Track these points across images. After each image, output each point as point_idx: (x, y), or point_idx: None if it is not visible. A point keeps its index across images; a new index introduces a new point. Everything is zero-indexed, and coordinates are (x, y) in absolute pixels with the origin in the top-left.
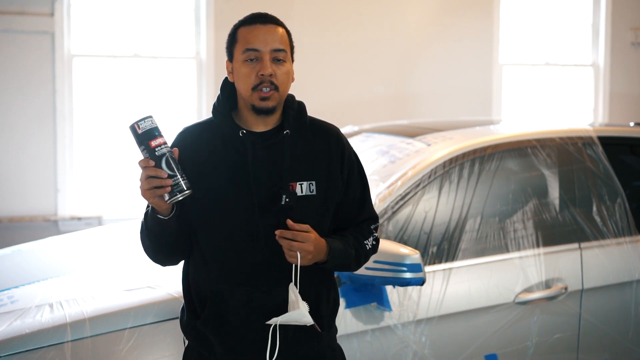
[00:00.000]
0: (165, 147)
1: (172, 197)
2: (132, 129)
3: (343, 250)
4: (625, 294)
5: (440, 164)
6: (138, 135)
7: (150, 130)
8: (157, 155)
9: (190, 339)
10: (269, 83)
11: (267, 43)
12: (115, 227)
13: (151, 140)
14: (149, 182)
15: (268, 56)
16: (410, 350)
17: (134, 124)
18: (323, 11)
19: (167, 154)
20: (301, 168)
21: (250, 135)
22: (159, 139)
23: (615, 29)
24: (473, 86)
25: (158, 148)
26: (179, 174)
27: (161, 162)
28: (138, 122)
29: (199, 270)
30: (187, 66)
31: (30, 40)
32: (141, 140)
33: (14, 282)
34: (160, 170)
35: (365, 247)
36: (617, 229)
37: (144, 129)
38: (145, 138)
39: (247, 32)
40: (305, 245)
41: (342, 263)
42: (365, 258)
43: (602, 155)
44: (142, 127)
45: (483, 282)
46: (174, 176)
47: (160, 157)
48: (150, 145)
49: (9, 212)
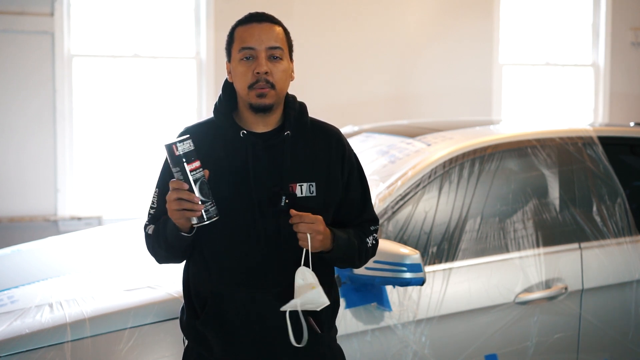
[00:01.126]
0: (200, 172)
1: (200, 221)
2: (169, 149)
3: (347, 239)
4: (625, 294)
5: (440, 164)
6: (175, 156)
7: (189, 153)
8: (192, 180)
9: (189, 339)
10: (265, 81)
11: (262, 41)
12: (115, 227)
13: (188, 163)
14: (180, 203)
15: (264, 54)
16: (410, 350)
17: (172, 145)
18: (323, 11)
19: (201, 178)
20: (301, 169)
21: (250, 136)
22: (195, 163)
23: (615, 29)
24: (473, 86)
25: (193, 172)
26: (210, 200)
27: (195, 186)
28: (177, 143)
29: (199, 271)
30: (187, 66)
31: (30, 40)
32: (177, 162)
33: (14, 282)
34: (194, 196)
35: (366, 243)
36: (617, 229)
37: (182, 151)
38: (182, 160)
39: (243, 31)
40: (314, 225)
41: (346, 253)
42: (365, 255)
43: (602, 155)
44: (181, 149)
45: (483, 282)
46: (206, 202)
47: (195, 181)
48: (186, 169)
49: (9, 212)
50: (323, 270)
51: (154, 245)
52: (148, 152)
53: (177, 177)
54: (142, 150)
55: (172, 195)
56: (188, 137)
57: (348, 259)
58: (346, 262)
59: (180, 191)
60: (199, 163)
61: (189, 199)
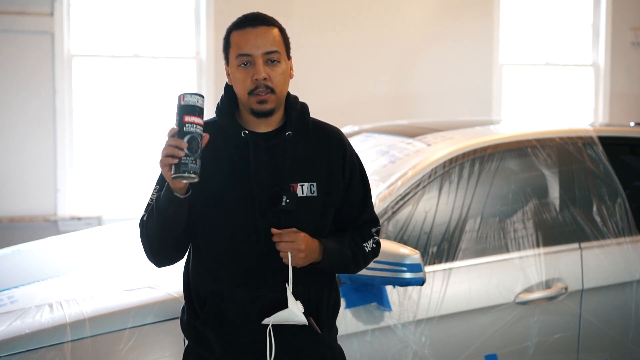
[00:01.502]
0: (197, 128)
1: (177, 172)
2: (178, 98)
3: (339, 249)
4: (625, 294)
5: (440, 164)
6: (179, 105)
7: (191, 107)
8: (184, 130)
9: (190, 339)
10: (265, 87)
11: (258, 47)
12: (115, 227)
13: (187, 115)
14: (167, 149)
15: (261, 60)
16: (410, 350)
17: (181, 94)
18: (323, 11)
19: (194, 134)
20: (302, 169)
21: (252, 136)
22: (194, 117)
23: (615, 29)
24: (473, 86)
25: (189, 125)
26: (194, 157)
27: (184, 137)
28: (186, 94)
29: (199, 270)
30: (187, 66)
31: (30, 40)
32: (179, 111)
33: (14, 282)
34: (181, 141)
35: (364, 249)
36: (617, 229)
37: (187, 103)
38: (183, 111)
39: (239, 37)
40: (295, 244)
41: (339, 263)
42: (364, 260)
43: (602, 155)
44: (186, 100)
45: (483, 282)
46: (189, 156)
47: (186, 133)
48: (184, 120)
49: (9, 212)
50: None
51: (147, 227)
52: (148, 152)
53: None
54: (142, 150)
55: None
56: (202, 96)
57: (342, 268)
58: (339, 270)
59: (171, 138)
60: (199, 120)
61: (176, 145)
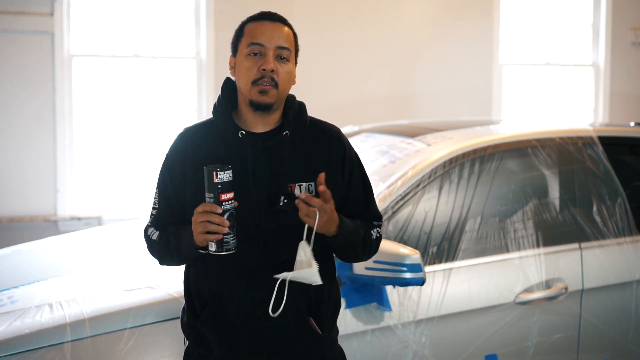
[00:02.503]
0: (232, 203)
1: (218, 250)
2: (209, 174)
3: (353, 228)
4: (625, 294)
5: (440, 164)
6: (213, 182)
7: (226, 184)
8: (222, 208)
9: (190, 339)
10: (270, 79)
11: (272, 39)
12: (115, 227)
13: (223, 193)
14: (206, 226)
15: (272, 52)
16: (410, 350)
17: (212, 170)
18: (323, 11)
19: (231, 210)
20: (301, 169)
21: (250, 137)
22: (229, 194)
23: (615, 29)
24: (473, 86)
25: (226, 202)
26: (233, 232)
27: (224, 216)
28: (218, 170)
29: (199, 271)
30: (187, 66)
31: (30, 40)
32: (213, 188)
33: (14, 282)
34: (224, 220)
35: (371, 235)
36: (617, 229)
37: (221, 180)
38: (220, 189)
39: (254, 27)
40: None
41: (351, 242)
42: (370, 247)
43: (602, 155)
44: (220, 177)
45: (483, 282)
46: (230, 234)
47: (225, 211)
48: (220, 198)
49: (9, 212)
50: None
51: (162, 252)
52: (148, 152)
53: (209, 201)
54: (142, 150)
55: (201, 217)
56: (229, 168)
57: (352, 248)
58: (350, 250)
59: (210, 214)
60: (232, 195)
61: (220, 223)
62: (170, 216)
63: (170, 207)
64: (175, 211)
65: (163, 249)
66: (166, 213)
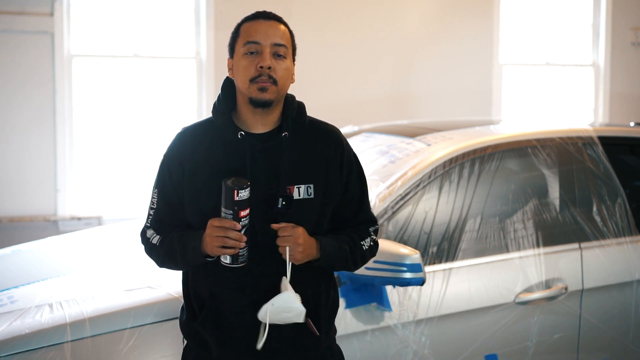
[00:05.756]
0: (247, 219)
1: (234, 262)
2: (230, 192)
3: (336, 246)
4: (625, 294)
5: (440, 164)
6: (232, 199)
7: (245, 201)
8: (241, 224)
9: (188, 340)
10: (268, 77)
11: (268, 37)
12: (115, 227)
13: (242, 210)
14: (224, 241)
15: (268, 49)
16: (410, 350)
17: (233, 189)
18: (323, 11)
19: (247, 226)
20: (299, 171)
21: (249, 137)
22: (246, 211)
23: (615, 29)
24: (473, 86)
25: (244, 219)
26: (247, 245)
27: (241, 231)
28: (238, 187)
29: (197, 272)
30: (187, 66)
31: (30, 40)
32: (231, 205)
33: (14, 282)
34: (242, 235)
35: (362, 247)
36: (617, 229)
37: (241, 198)
38: (239, 206)
39: (249, 27)
40: (293, 238)
41: (337, 261)
42: (362, 258)
43: (602, 155)
44: (240, 195)
45: (483, 282)
46: (244, 248)
47: (243, 227)
48: (239, 215)
49: (9, 212)
50: (322, 270)
51: (164, 257)
52: (148, 152)
53: (225, 216)
54: (142, 150)
55: (219, 232)
56: (248, 185)
57: (340, 266)
58: (338, 268)
59: (229, 230)
60: (248, 211)
61: (238, 239)
62: (169, 216)
63: (170, 206)
64: (174, 210)
65: (166, 254)
66: (165, 212)
